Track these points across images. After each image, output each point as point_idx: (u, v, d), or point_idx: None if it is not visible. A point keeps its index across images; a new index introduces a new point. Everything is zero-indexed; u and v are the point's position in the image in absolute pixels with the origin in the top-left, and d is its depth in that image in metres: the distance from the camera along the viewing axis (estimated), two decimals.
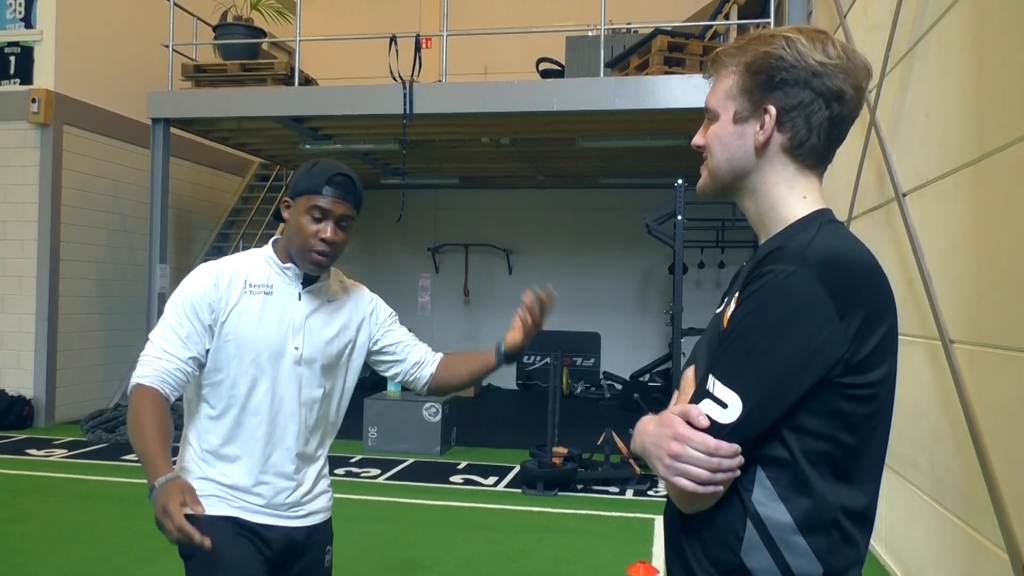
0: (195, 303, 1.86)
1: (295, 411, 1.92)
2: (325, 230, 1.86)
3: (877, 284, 1.09)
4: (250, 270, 1.93)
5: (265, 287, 1.92)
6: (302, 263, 1.91)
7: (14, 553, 4.22)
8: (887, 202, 4.15)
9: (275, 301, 1.92)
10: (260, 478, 1.89)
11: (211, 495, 1.86)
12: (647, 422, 1.13)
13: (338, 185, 1.87)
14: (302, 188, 1.88)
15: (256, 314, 1.89)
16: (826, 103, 1.13)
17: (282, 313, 1.92)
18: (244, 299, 1.89)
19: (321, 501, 2.02)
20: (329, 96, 7.49)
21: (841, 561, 1.08)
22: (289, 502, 1.93)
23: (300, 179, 1.90)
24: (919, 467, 3.71)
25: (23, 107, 7.76)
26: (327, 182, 1.86)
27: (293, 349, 1.91)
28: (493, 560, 4.35)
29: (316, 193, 1.85)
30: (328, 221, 1.86)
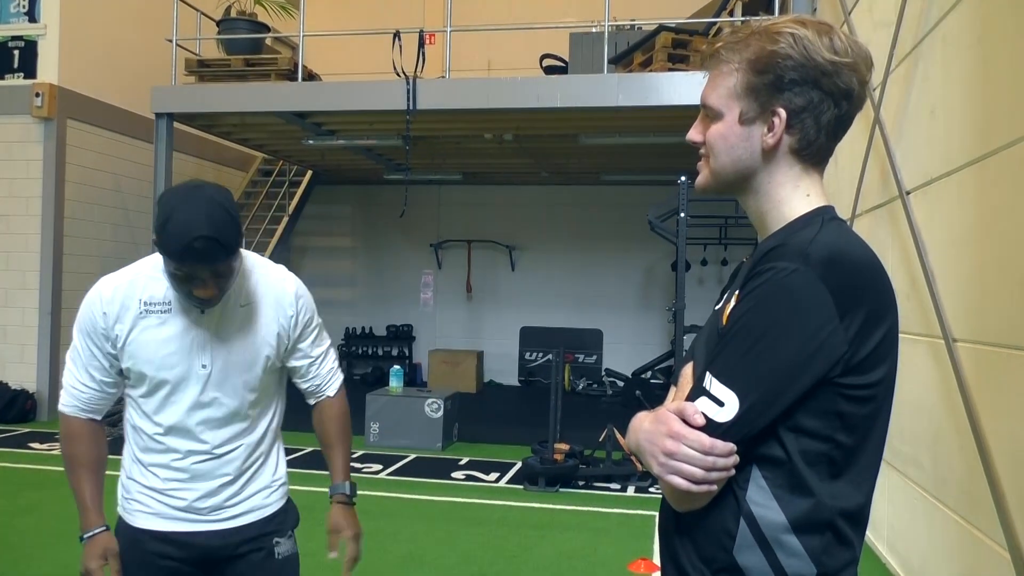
0: (89, 332, 1.77)
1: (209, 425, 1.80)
2: (199, 292, 1.66)
3: (879, 284, 1.08)
4: (145, 286, 1.76)
5: (162, 304, 1.75)
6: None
7: (16, 546, 4.23)
8: (891, 200, 4.14)
9: (175, 319, 1.75)
10: (178, 484, 1.82)
11: (133, 499, 1.85)
12: (642, 419, 1.11)
13: (198, 254, 1.58)
14: (159, 248, 1.62)
15: (155, 336, 1.74)
16: (835, 102, 1.09)
17: (184, 331, 1.75)
18: (140, 322, 1.75)
19: (256, 500, 1.90)
20: (332, 91, 7.48)
21: (835, 561, 1.07)
22: (210, 506, 1.83)
23: (156, 232, 1.61)
24: (921, 466, 3.70)
25: (27, 101, 7.76)
26: (181, 256, 1.58)
27: (200, 368, 1.77)
28: (494, 556, 4.35)
29: (172, 260, 1.61)
30: (198, 281, 1.64)
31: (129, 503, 1.87)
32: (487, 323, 11.58)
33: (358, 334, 11.60)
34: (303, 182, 10.83)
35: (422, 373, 11.29)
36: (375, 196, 11.76)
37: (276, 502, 1.95)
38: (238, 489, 1.87)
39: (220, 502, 1.85)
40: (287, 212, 10.50)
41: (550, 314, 11.26)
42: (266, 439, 1.93)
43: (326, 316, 2.00)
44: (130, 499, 1.86)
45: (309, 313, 1.93)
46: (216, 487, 1.84)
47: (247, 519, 1.89)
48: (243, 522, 1.88)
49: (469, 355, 10.72)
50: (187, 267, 1.61)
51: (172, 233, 1.58)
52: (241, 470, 1.87)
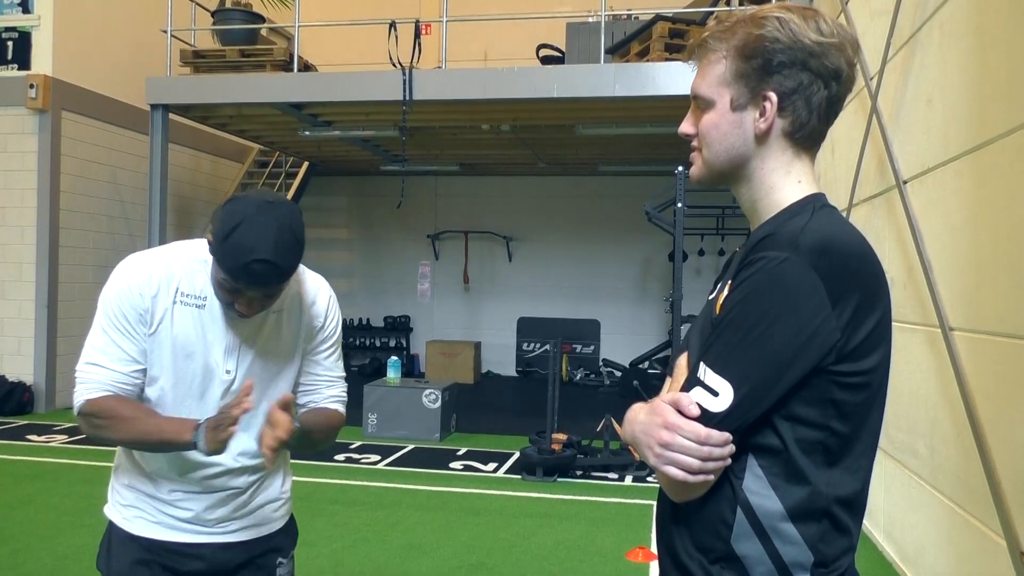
0: (125, 311, 1.62)
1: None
2: (242, 307, 1.58)
3: (871, 271, 1.08)
4: (183, 276, 1.64)
5: (197, 298, 1.64)
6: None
7: (14, 538, 4.24)
8: (888, 189, 4.15)
9: (207, 316, 1.65)
10: (184, 496, 1.71)
11: (132, 506, 1.73)
12: (638, 410, 1.11)
13: (254, 275, 1.50)
14: (217, 257, 1.53)
15: (185, 330, 1.64)
16: (824, 83, 1.10)
17: (215, 331, 1.65)
18: (174, 311, 1.63)
19: (265, 512, 1.80)
20: (328, 82, 7.45)
21: (832, 549, 1.08)
22: (217, 518, 1.73)
23: (218, 241, 1.51)
24: (918, 454, 3.72)
25: (21, 93, 7.73)
26: (238, 274, 1.50)
27: (224, 373, 1.67)
28: (493, 545, 4.37)
29: (228, 275, 1.52)
30: (243, 297, 1.57)
31: (128, 509, 1.74)
32: (484, 314, 11.59)
33: (356, 325, 11.61)
34: (299, 173, 10.80)
35: (420, 364, 11.30)
36: (372, 187, 11.75)
37: (282, 518, 1.86)
38: (246, 500, 1.77)
39: (227, 514, 1.74)
40: None
41: (547, 305, 11.27)
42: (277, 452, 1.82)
43: None
44: (128, 505, 1.74)
45: (336, 329, 1.82)
46: (225, 498, 1.73)
47: (253, 533, 1.79)
48: (249, 536, 1.78)
49: (467, 346, 10.73)
50: (238, 284, 1.53)
51: (233, 247, 1.49)
52: (251, 483, 1.76)
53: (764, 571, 1.07)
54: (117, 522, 1.75)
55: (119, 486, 1.76)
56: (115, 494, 1.77)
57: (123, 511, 1.74)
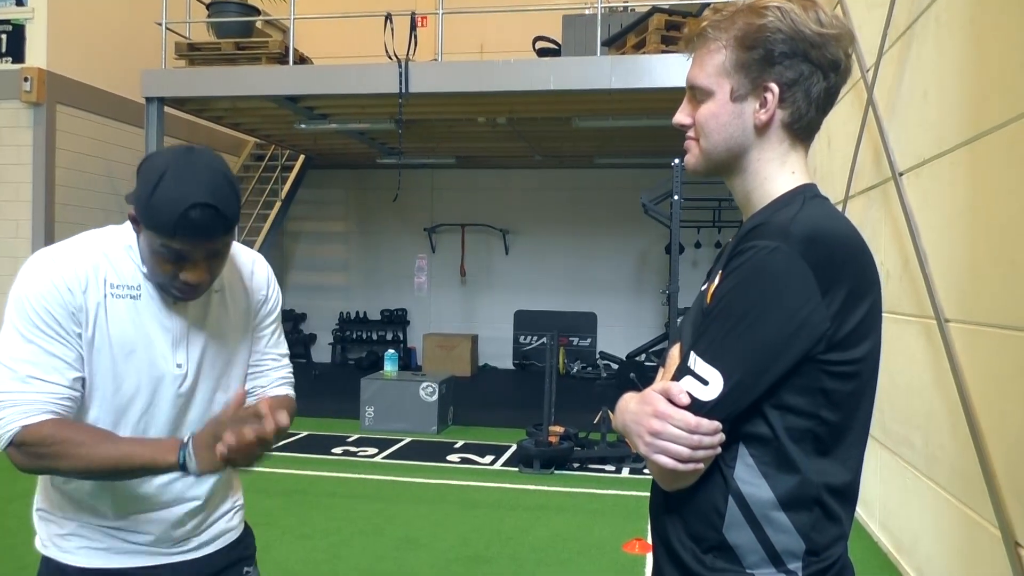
0: (52, 311, 1.37)
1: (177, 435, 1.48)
2: (188, 274, 1.37)
3: (860, 260, 1.08)
4: (109, 266, 1.42)
5: (130, 288, 1.43)
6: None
7: (13, 532, 4.24)
8: (884, 181, 4.15)
9: (144, 307, 1.44)
10: (137, 517, 1.50)
11: (73, 535, 1.50)
12: (628, 400, 1.12)
13: (195, 227, 1.31)
14: (146, 219, 1.33)
15: (122, 325, 1.42)
16: (824, 74, 1.10)
17: (156, 322, 1.45)
18: (107, 305, 1.41)
19: (222, 524, 1.64)
20: (324, 75, 7.43)
21: (824, 537, 1.08)
22: (176, 536, 1.55)
23: (146, 203, 1.32)
24: (913, 445, 3.73)
25: (15, 86, 7.69)
26: (175, 228, 1.30)
27: (175, 368, 1.46)
28: (490, 538, 4.38)
29: (165, 236, 1.32)
30: (191, 262, 1.36)
31: (65, 540, 1.50)
32: (481, 307, 11.59)
33: (352, 319, 11.60)
34: (296, 167, 10.78)
35: (416, 357, 11.30)
36: (368, 180, 11.73)
37: (238, 525, 1.68)
38: (207, 514, 1.59)
39: (187, 532, 1.55)
40: (280, 197, 10.46)
41: (544, 297, 11.27)
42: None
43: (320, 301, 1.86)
44: (66, 535, 1.50)
45: (277, 302, 1.66)
46: (183, 514, 1.54)
47: (215, 546, 1.62)
48: (212, 550, 1.61)
49: (464, 339, 10.73)
50: (179, 243, 1.32)
51: (163, 200, 1.30)
52: (211, 491, 1.57)
53: (756, 559, 1.07)
54: (54, 556, 1.50)
55: (50, 515, 1.53)
56: (46, 525, 1.54)
57: (58, 542, 1.51)
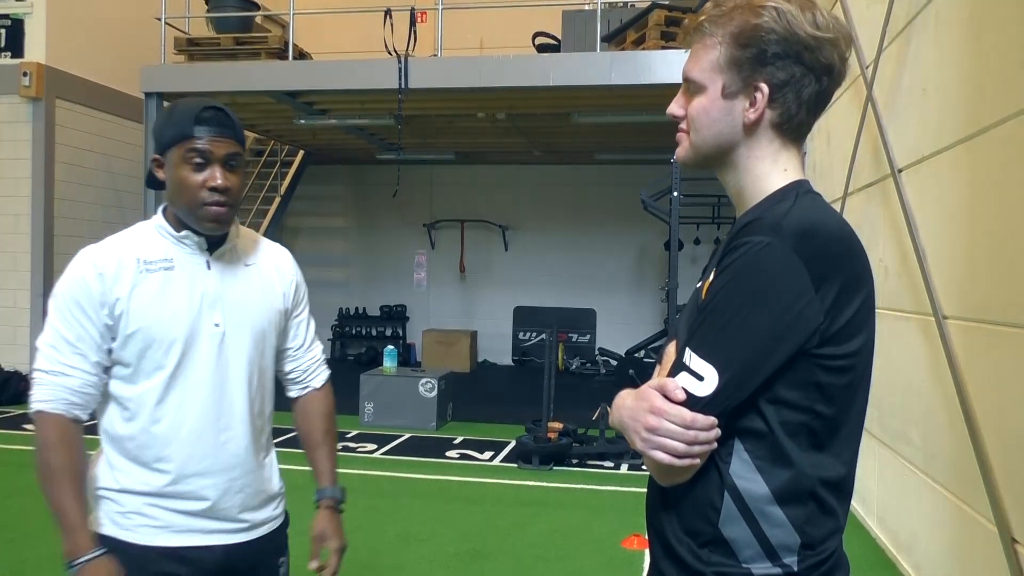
0: (80, 301, 1.55)
1: (224, 398, 1.63)
2: (213, 176, 1.56)
3: (853, 255, 1.09)
4: (141, 246, 1.61)
5: (163, 262, 1.61)
6: (197, 223, 1.60)
7: (12, 526, 4.25)
8: (883, 178, 4.15)
9: (179, 276, 1.61)
10: (193, 481, 1.60)
11: (134, 512, 1.59)
12: (625, 396, 1.13)
13: (210, 121, 1.56)
14: (169, 137, 1.57)
15: (158, 295, 1.58)
16: (816, 77, 1.10)
17: (191, 288, 1.61)
18: (140, 282, 1.57)
19: (271, 507, 1.74)
20: (324, 70, 7.43)
21: (819, 531, 1.09)
22: (231, 506, 1.64)
23: (163, 128, 1.59)
24: (911, 442, 3.74)
25: (14, 80, 7.69)
26: (196, 121, 1.55)
27: (212, 327, 1.61)
28: (489, 533, 4.39)
29: (188, 137, 1.55)
30: (213, 165, 1.56)
31: (127, 517, 1.59)
32: (481, 303, 11.59)
33: (351, 314, 11.60)
34: (295, 162, 10.78)
35: (416, 353, 11.31)
36: (368, 176, 11.72)
37: (281, 514, 1.79)
38: (255, 489, 1.69)
39: (242, 502, 1.66)
40: (279, 192, 10.46)
41: (543, 294, 11.28)
42: (269, 431, 1.76)
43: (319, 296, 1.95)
44: (128, 512, 1.59)
45: (305, 288, 1.84)
46: (237, 477, 1.64)
47: (262, 531, 1.71)
48: (259, 533, 1.70)
49: (463, 335, 10.74)
50: (200, 139, 1.54)
51: (180, 110, 1.57)
52: (258, 464, 1.70)
53: (752, 554, 1.08)
54: (112, 535, 1.59)
55: (112, 494, 1.61)
56: (105, 505, 1.61)
57: (121, 520, 1.59)
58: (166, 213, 1.65)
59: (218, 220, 1.59)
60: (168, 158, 1.58)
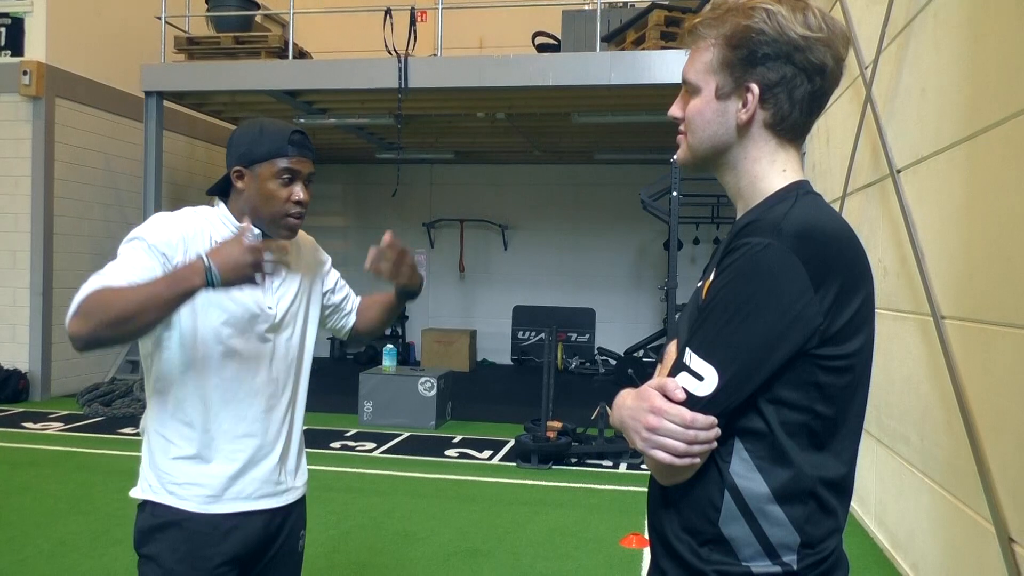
0: (163, 249, 1.65)
1: (271, 377, 1.79)
2: (298, 192, 1.77)
3: (852, 255, 1.09)
4: (213, 227, 1.77)
5: None
6: (275, 230, 1.79)
7: (12, 524, 4.26)
8: (882, 178, 4.16)
9: None
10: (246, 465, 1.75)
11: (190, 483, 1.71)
12: (625, 396, 1.14)
13: (300, 144, 1.77)
14: (261, 153, 1.73)
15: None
16: (808, 77, 1.11)
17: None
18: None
19: (301, 476, 1.92)
20: (323, 70, 7.43)
21: (818, 530, 1.09)
22: (273, 479, 1.79)
23: (252, 144, 1.75)
24: (909, 441, 3.75)
25: (15, 79, 7.69)
26: (289, 142, 1.74)
27: (267, 310, 1.78)
28: (488, 532, 4.40)
29: (281, 156, 1.73)
30: (298, 182, 1.77)
31: (183, 488, 1.70)
32: (480, 302, 11.60)
33: None
34: None
35: (415, 352, 11.31)
36: (367, 175, 11.72)
37: (303, 486, 1.94)
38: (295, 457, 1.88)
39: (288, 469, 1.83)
40: None
41: (543, 293, 11.28)
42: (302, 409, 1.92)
43: None
44: (182, 483, 1.70)
45: (330, 262, 2.13)
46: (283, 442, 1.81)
47: (296, 495, 1.88)
48: (293, 498, 1.87)
49: (462, 334, 10.74)
50: (292, 157, 1.73)
51: (272, 131, 1.75)
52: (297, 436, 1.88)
53: (752, 552, 1.09)
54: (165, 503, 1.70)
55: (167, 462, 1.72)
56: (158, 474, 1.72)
57: (177, 490, 1.70)
58: (229, 207, 1.80)
59: (294, 229, 1.82)
60: (254, 171, 1.74)
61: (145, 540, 1.72)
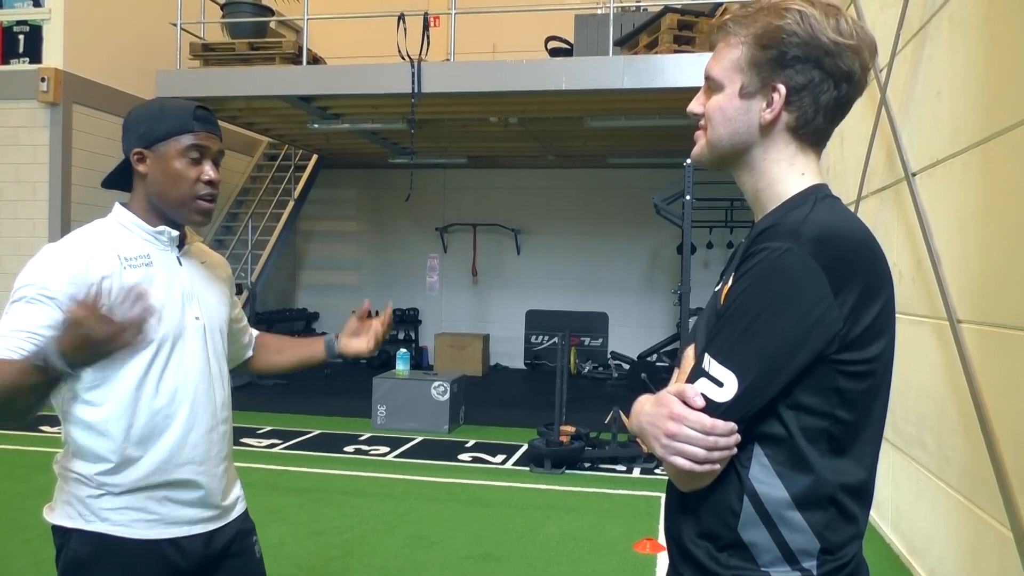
0: (62, 289, 1.48)
1: (209, 388, 1.68)
2: (208, 171, 1.64)
3: (872, 260, 1.08)
4: (118, 242, 1.61)
5: (143, 258, 1.62)
6: (185, 215, 1.65)
7: (28, 527, 4.29)
8: (897, 182, 4.14)
9: (158, 272, 1.63)
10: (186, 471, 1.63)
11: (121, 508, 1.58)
12: (644, 402, 1.13)
13: (205, 119, 1.65)
14: (163, 131, 1.61)
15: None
16: (835, 84, 1.10)
17: (170, 283, 1.64)
18: (123, 276, 1.56)
19: (238, 488, 1.81)
20: (337, 75, 7.47)
21: (839, 536, 1.09)
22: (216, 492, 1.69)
23: (153, 123, 1.62)
24: (925, 446, 3.72)
25: (32, 86, 7.77)
26: (194, 118, 1.63)
27: (194, 320, 1.67)
28: (501, 537, 4.40)
29: (186, 132, 1.61)
30: (207, 160, 1.64)
31: (114, 513, 1.58)
32: (493, 306, 11.60)
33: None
34: (308, 166, 10.84)
35: (428, 356, 11.33)
36: (380, 180, 11.77)
37: (243, 499, 1.83)
38: (231, 475, 1.77)
39: (223, 488, 1.72)
40: (293, 196, 10.53)
41: (556, 297, 11.28)
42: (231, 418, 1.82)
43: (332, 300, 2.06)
44: (120, 508, 1.58)
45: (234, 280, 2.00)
46: (221, 463, 1.71)
47: (236, 512, 1.77)
48: (234, 516, 1.76)
49: (475, 338, 10.75)
50: (198, 133, 1.62)
51: (173, 109, 1.64)
52: (230, 449, 1.77)
53: (771, 558, 1.08)
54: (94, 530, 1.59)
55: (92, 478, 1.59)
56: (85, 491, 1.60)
57: (108, 514, 1.59)
58: (131, 208, 1.66)
59: (206, 213, 1.67)
60: (158, 151, 1.61)
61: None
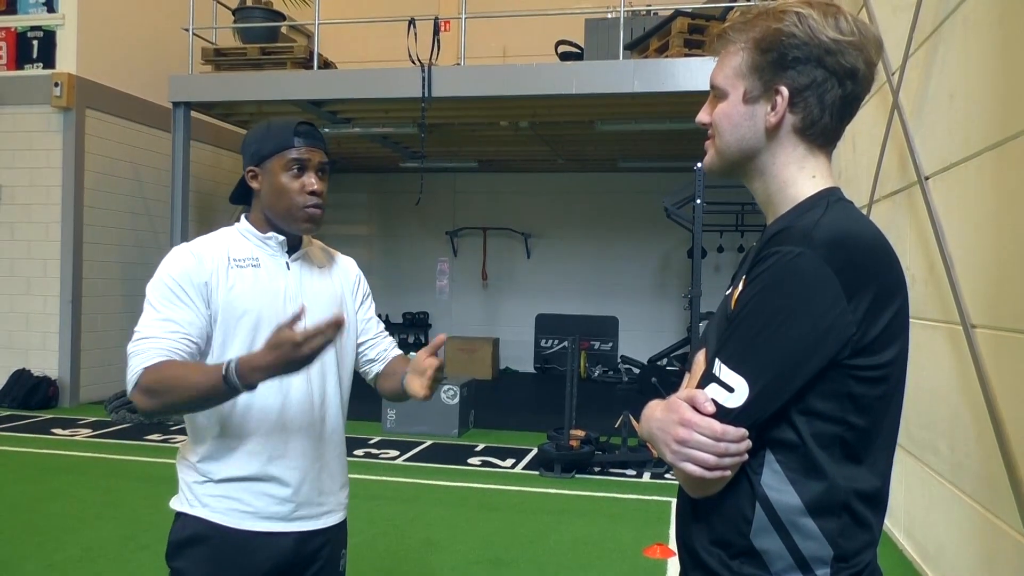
0: (182, 284, 1.67)
1: (304, 387, 1.75)
2: (310, 182, 1.74)
3: (886, 264, 1.07)
4: (230, 246, 1.77)
5: (251, 260, 1.76)
6: (294, 225, 1.77)
7: (42, 530, 4.31)
8: (909, 185, 4.11)
9: (265, 273, 1.76)
10: (280, 466, 1.71)
11: (226, 496, 1.70)
12: (654, 407, 1.12)
13: (306, 134, 1.75)
14: (268, 149, 1.75)
15: (249, 287, 1.73)
16: (839, 81, 1.10)
17: (275, 284, 1.76)
18: (232, 275, 1.72)
19: (342, 496, 1.87)
20: (348, 80, 7.49)
21: (853, 544, 1.07)
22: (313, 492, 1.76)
23: (260, 143, 1.76)
24: (938, 452, 3.69)
25: (46, 91, 7.83)
26: (295, 134, 1.74)
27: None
28: (511, 541, 4.39)
29: (287, 148, 1.73)
30: (309, 171, 1.74)
31: (214, 500, 1.70)
32: (503, 310, 11.60)
33: None
34: None
35: None
36: (391, 184, 11.79)
37: (344, 507, 1.88)
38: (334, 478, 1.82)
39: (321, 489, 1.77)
40: None
41: (566, 301, 11.26)
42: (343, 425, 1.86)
43: None
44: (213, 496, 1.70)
45: (368, 290, 2.04)
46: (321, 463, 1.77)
47: (331, 520, 1.81)
48: (328, 523, 1.80)
49: (485, 342, 10.75)
50: (300, 147, 1.72)
51: (278, 126, 1.76)
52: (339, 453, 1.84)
53: (784, 566, 1.07)
54: (198, 515, 1.70)
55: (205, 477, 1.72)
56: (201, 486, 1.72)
57: (212, 503, 1.70)
58: (249, 219, 1.81)
59: (313, 220, 1.77)
60: (266, 168, 1.75)
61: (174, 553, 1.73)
